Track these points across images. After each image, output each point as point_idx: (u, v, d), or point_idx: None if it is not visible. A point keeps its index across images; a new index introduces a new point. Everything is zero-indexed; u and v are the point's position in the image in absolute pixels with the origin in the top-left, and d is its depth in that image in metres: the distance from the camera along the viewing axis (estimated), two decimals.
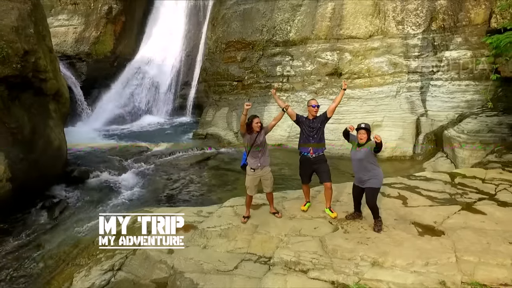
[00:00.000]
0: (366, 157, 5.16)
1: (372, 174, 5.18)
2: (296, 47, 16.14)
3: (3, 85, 8.83)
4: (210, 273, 5.29)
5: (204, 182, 11.01)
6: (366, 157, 5.16)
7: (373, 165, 5.21)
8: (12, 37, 9.07)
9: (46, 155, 9.76)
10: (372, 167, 5.20)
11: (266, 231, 5.81)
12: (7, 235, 8.21)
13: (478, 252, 4.46)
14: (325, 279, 4.55)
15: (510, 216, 5.44)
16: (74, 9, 19.86)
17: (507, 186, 6.63)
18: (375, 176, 5.18)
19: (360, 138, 5.22)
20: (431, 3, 14.85)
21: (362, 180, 5.32)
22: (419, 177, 7.62)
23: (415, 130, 13.13)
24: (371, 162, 5.18)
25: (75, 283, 6.04)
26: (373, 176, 5.18)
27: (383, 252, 4.70)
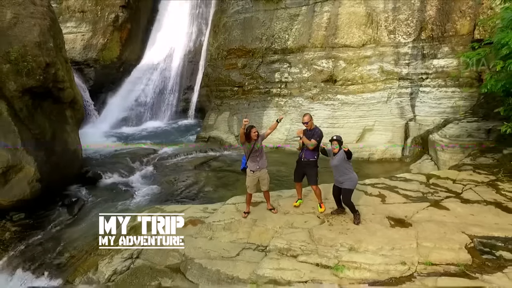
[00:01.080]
0: (341, 164, 6.22)
1: (347, 178, 6.25)
2: (294, 55, 17.20)
3: (27, 95, 9.89)
4: (216, 259, 6.34)
5: (208, 182, 12.06)
6: (341, 163, 6.22)
7: (348, 170, 6.26)
8: (36, 52, 10.12)
9: (64, 158, 10.82)
10: (347, 171, 6.26)
11: (264, 224, 6.88)
12: (34, 229, 9.27)
13: (435, 240, 5.54)
14: (311, 262, 5.62)
15: (468, 211, 6.51)
16: (82, 17, 20.94)
17: (472, 186, 7.69)
18: (349, 179, 6.24)
19: (333, 148, 6.30)
20: (421, 14, 15.89)
21: (340, 182, 6.38)
22: (399, 178, 8.69)
23: (404, 134, 14.19)
24: (345, 168, 6.24)
25: (100, 268, 7.11)
26: (348, 179, 6.25)
27: (358, 240, 5.77)
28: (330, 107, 15.75)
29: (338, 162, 6.24)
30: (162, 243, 6.99)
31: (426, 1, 15.80)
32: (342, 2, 16.87)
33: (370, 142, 14.37)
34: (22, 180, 8.27)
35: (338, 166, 6.27)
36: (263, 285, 5.53)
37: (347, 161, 6.22)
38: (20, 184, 8.25)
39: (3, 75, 9.20)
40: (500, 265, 4.92)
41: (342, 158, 6.18)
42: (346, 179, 6.29)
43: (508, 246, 5.26)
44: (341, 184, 6.41)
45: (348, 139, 14.40)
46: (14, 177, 8.16)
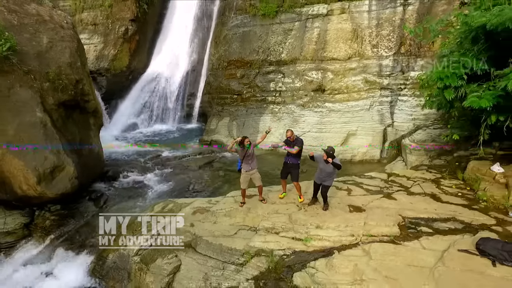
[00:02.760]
0: (333, 170, 8.24)
1: (329, 178, 8.38)
2: (287, 66, 19.41)
3: (62, 107, 12.11)
4: (219, 237, 8.55)
5: (211, 179, 14.29)
6: (333, 170, 8.24)
7: (332, 175, 8.35)
8: (68, 71, 12.34)
9: (90, 159, 13.05)
10: (331, 175, 8.36)
11: (255, 211, 9.11)
12: (69, 218, 11.50)
13: (377, 220, 7.76)
14: (289, 236, 7.84)
15: (409, 200, 8.73)
16: (94, 29, 23.16)
17: (420, 182, 9.91)
18: (330, 179, 8.38)
19: (325, 157, 8.24)
20: (401, 30, 18.07)
21: (322, 180, 8.50)
22: (366, 176, 10.91)
23: (382, 138, 16.40)
24: (332, 173, 8.31)
25: (128, 245, 9.34)
26: (329, 179, 8.39)
27: (323, 220, 8.00)
28: (319, 114, 17.98)
29: (332, 170, 8.14)
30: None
31: (405, 19, 18.00)
32: (330, 19, 19.10)
33: (353, 145, 16.57)
34: (64, 177, 10.48)
35: (330, 173, 8.25)
36: (254, 253, 7.76)
37: (326, 171, 8.28)
38: (63, 180, 10.46)
39: (44, 92, 11.41)
40: (418, 236, 7.12)
41: (333, 168, 8.19)
42: (327, 179, 8.44)
43: (427, 224, 7.48)
44: (323, 182, 8.55)
45: (334, 142, 16.64)
46: (58, 175, 10.36)
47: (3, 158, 9.95)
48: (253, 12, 20.89)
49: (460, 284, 5.39)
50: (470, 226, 7.26)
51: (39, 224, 11.46)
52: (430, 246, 6.63)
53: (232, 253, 7.97)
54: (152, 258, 8.66)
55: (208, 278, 7.62)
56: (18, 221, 11.37)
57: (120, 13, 22.40)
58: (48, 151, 10.22)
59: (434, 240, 6.86)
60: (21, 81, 10.88)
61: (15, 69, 10.85)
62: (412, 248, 6.65)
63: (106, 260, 9.58)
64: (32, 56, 11.60)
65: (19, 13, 12.59)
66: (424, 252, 6.43)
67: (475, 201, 8.33)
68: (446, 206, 8.18)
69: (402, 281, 5.66)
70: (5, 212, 11.53)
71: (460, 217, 7.63)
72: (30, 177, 9.87)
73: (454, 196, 8.81)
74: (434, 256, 6.22)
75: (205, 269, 7.84)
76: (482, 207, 8.04)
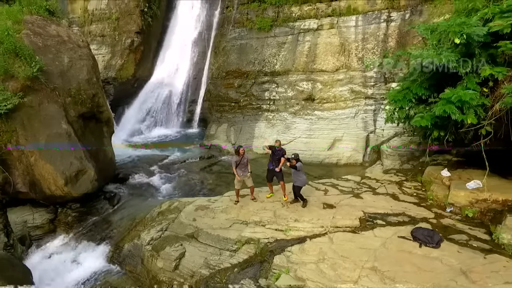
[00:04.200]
0: (293, 172, 10.33)
1: (296, 179, 10.42)
2: (281, 77, 21.42)
3: (81, 119, 14.11)
4: (217, 229, 10.55)
5: (211, 181, 16.30)
6: (293, 172, 10.32)
7: (295, 175, 10.39)
8: (86, 87, 14.34)
9: (104, 163, 15.08)
10: (296, 176, 10.40)
11: (247, 208, 11.14)
12: (88, 215, 13.53)
13: (344, 214, 9.78)
14: (273, 228, 9.84)
15: (373, 199, 10.74)
16: (102, 40, 25.21)
17: (386, 184, 11.94)
18: (298, 180, 10.41)
19: (292, 162, 10.31)
20: (384, 44, 20.07)
21: (294, 181, 10.57)
22: (343, 179, 12.94)
23: (365, 144, 18.38)
24: (296, 174, 10.35)
25: (142, 236, 11.35)
26: (297, 180, 10.42)
27: (301, 215, 10.02)
28: (308, 121, 20.00)
29: (293, 172, 10.35)
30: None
31: (388, 34, 19.99)
32: (320, 33, 21.11)
33: (339, 150, 18.57)
34: (86, 179, 12.50)
35: (293, 174, 10.42)
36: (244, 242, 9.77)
37: (295, 171, 10.34)
38: (85, 182, 12.49)
39: (67, 106, 13.42)
40: (373, 227, 9.13)
41: (294, 170, 10.29)
42: (296, 180, 10.49)
43: (382, 218, 9.50)
44: (294, 183, 10.61)
45: (322, 147, 18.70)
46: (81, 177, 12.39)
47: (35, 163, 12.00)
48: (250, 25, 22.89)
49: (392, 259, 7.40)
50: (414, 219, 9.26)
51: (62, 220, 13.54)
52: (380, 234, 8.64)
53: (227, 241, 10.00)
54: (162, 246, 10.65)
55: (208, 261, 9.65)
56: (44, 217, 13.45)
57: (127, 26, 24.44)
58: (73, 157, 12.26)
59: (384, 230, 8.87)
60: (48, 97, 12.88)
61: (43, 87, 12.84)
62: (366, 236, 8.67)
63: (122, 249, 11.63)
64: (56, 75, 13.58)
65: (43, 35, 14.56)
66: (374, 239, 8.45)
67: (424, 200, 10.33)
68: (400, 204, 10.20)
69: (351, 258, 7.67)
70: (32, 209, 13.62)
71: (408, 212, 9.64)
72: (58, 180, 11.91)
73: (410, 195, 10.82)
74: (380, 241, 8.23)
75: (206, 254, 9.87)
76: (428, 204, 10.03)
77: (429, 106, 9.20)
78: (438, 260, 7.19)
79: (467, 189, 9.49)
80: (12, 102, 11.58)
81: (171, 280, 9.72)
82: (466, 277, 6.49)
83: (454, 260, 7.08)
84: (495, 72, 7.86)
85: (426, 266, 7.02)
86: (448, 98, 8.03)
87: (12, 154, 12.11)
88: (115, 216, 13.62)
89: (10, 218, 13.08)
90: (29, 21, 14.79)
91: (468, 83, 8.24)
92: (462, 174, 10.61)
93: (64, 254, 12.29)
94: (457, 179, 10.38)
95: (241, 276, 8.86)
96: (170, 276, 9.78)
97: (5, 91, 11.73)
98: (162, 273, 9.91)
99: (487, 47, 8.16)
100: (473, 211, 8.99)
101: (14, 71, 12.15)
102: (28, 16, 15.16)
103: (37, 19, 15.22)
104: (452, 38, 7.86)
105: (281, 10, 22.37)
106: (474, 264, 6.85)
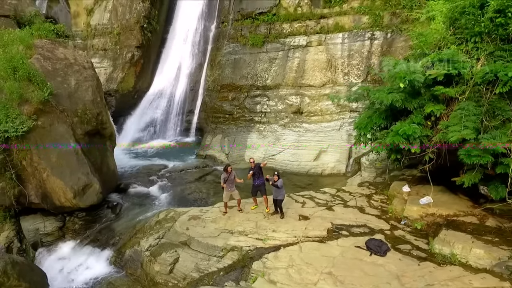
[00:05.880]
0: (274, 189, 12.03)
1: (278, 194, 12.08)
2: (272, 91, 23.12)
3: (86, 136, 15.81)
4: (207, 237, 12.25)
5: (204, 191, 18.03)
6: (274, 189, 12.03)
7: (277, 191, 12.09)
8: (91, 107, 16.05)
9: (108, 176, 16.81)
10: (278, 192, 12.09)
11: (233, 219, 12.84)
12: (93, 222, 15.27)
13: (315, 225, 11.49)
14: (254, 237, 11.55)
15: (343, 211, 12.44)
16: (104, 54, 26.94)
17: (357, 197, 13.63)
18: (280, 195, 12.09)
19: (274, 179, 12.02)
20: (368, 61, 21.73)
21: (276, 196, 12.26)
22: (320, 191, 14.64)
23: (348, 155, 20.09)
24: (278, 191, 12.02)
25: (141, 243, 13.07)
26: (278, 195, 12.11)
27: (278, 226, 11.73)
28: (297, 133, 21.72)
29: (274, 189, 12.03)
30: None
31: (372, 52, 21.66)
32: (309, 50, 22.81)
33: (323, 160, 20.28)
34: (92, 193, 14.26)
35: (274, 190, 12.10)
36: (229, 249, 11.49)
37: (276, 189, 12.02)
38: (91, 195, 14.25)
39: (74, 125, 15.15)
40: (338, 237, 10.83)
41: (275, 187, 11.99)
42: (278, 195, 12.19)
43: (347, 229, 11.20)
44: (276, 197, 12.32)
45: (308, 158, 20.42)
46: (88, 191, 14.14)
47: (47, 178, 13.75)
48: (243, 41, 24.59)
49: (346, 265, 9.12)
50: (373, 230, 10.96)
51: (70, 227, 15.29)
52: (342, 244, 10.36)
53: (215, 249, 11.71)
54: (158, 252, 12.35)
55: (198, 266, 11.36)
56: (54, 225, 15.20)
57: (127, 40, 26.15)
58: (81, 173, 14.02)
59: (346, 240, 10.59)
60: (58, 118, 14.60)
61: (54, 109, 14.56)
62: (330, 245, 10.38)
63: (124, 254, 13.35)
64: (64, 97, 15.28)
65: (51, 59, 16.25)
66: (336, 248, 10.16)
67: (386, 213, 12.03)
68: (364, 216, 11.90)
69: (314, 264, 9.38)
70: (43, 218, 15.38)
71: (369, 224, 11.35)
72: (68, 193, 13.67)
73: (375, 208, 12.53)
74: (340, 250, 9.94)
75: (196, 260, 11.58)
76: (387, 217, 11.73)
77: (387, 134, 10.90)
78: (382, 267, 8.91)
79: (419, 204, 11.19)
80: (27, 125, 13.27)
81: (167, 282, 11.44)
82: (398, 281, 8.20)
83: (394, 267, 8.80)
84: (435, 109, 9.54)
85: (371, 271, 8.74)
86: (397, 131, 9.74)
87: (27, 170, 13.84)
88: (117, 224, 15.36)
89: (24, 226, 14.94)
90: (39, 45, 16.53)
91: (415, 117, 9.94)
92: (421, 189, 12.30)
93: (72, 258, 14.00)
94: (415, 194, 12.07)
95: (225, 278, 10.59)
96: (165, 278, 11.50)
97: (21, 115, 13.43)
98: (158, 276, 11.63)
99: (430, 87, 9.83)
100: (421, 224, 10.69)
101: (28, 96, 13.83)
102: (38, 40, 16.93)
103: (46, 43, 16.97)
104: (398, 82, 9.57)
105: (273, 27, 24.07)
106: (408, 270, 8.56)
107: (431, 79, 9.63)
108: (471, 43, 9.59)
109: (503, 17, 8.78)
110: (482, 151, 8.35)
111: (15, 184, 13.61)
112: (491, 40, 9.32)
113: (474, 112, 8.73)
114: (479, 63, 9.27)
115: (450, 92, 9.24)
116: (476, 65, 9.27)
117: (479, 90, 9.10)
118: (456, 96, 9.28)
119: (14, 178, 13.48)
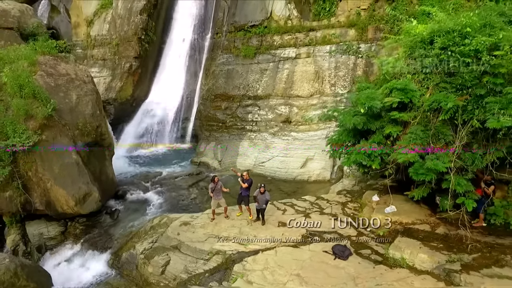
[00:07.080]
0: (264, 200, 13.46)
1: (262, 204, 13.49)
2: (262, 101, 24.54)
3: (86, 147, 17.32)
4: (195, 242, 13.68)
5: (196, 197, 19.49)
6: (264, 200, 13.46)
7: (264, 202, 13.47)
8: (91, 120, 17.50)
9: (106, 184, 18.29)
10: (263, 202, 13.48)
11: (220, 225, 14.27)
12: (93, 227, 16.75)
13: (292, 232, 12.90)
14: (236, 242, 12.97)
15: (319, 218, 13.84)
16: (103, 64, 28.42)
17: (333, 205, 15.04)
18: (264, 204, 13.52)
19: (261, 190, 13.45)
20: (353, 72, 23.11)
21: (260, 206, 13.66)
22: (301, 199, 16.05)
23: (332, 163, 21.49)
24: (263, 201, 13.44)
25: (136, 247, 14.51)
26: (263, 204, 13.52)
27: (259, 232, 13.15)
28: (285, 141, 23.14)
29: (263, 199, 13.41)
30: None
31: (357, 64, 23.06)
32: (298, 61, 24.24)
33: (310, 168, 21.68)
34: (92, 201, 15.74)
35: (261, 200, 13.49)
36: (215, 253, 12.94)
37: (262, 198, 13.42)
38: (91, 203, 15.72)
39: (75, 138, 16.61)
40: (310, 242, 12.24)
41: (263, 198, 13.41)
42: (262, 205, 13.61)
43: (320, 234, 12.64)
44: (261, 207, 13.74)
45: (296, 165, 21.83)
46: (88, 199, 15.61)
47: (51, 188, 15.22)
48: (236, 53, 26.03)
49: (312, 268, 10.56)
50: (342, 236, 12.37)
51: (71, 232, 16.79)
52: (313, 248, 11.79)
53: (202, 252, 13.15)
54: (152, 255, 13.79)
55: (187, 268, 12.80)
56: (57, 229, 16.71)
57: (126, 51, 27.61)
58: (81, 182, 15.50)
59: (317, 245, 12.02)
60: (60, 132, 16.06)
61: (56, 123, 16.00)
62: (302, 250, 11.81)
63: (121, 257, 14.79)
64: (66, 111, 16.73)
65: (54, 75, 17.68)
66: (307, 252, 11.60)
67: (355, 220, 13.47)
68: (336, 223, 13.34)
69: (285, 267, 10.81)
70: (46, 223, 16.88)
71: (339, 231, 12.76)
72: (70, 201, 15.14)
73: (347, 216, 13.95)
74: (309, 254, 11.38)
75: (185, 262, 13.02)
76: (356, 224, 13.17)
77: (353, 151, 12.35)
78: (342, 269, 10.34)
79: (384, 213, 12.62)
80: (33, 139, 14.71)
81: (159, 282, 12.90)
82: (354, 281, 9.62)
83: (353, 269, 10.23)
84: (393, 131, 10.97)
85: (333, 274, 10.17)
86: (359, 149, 11.18)
87: (32, 180, 15.31)
88: (115, 228, 16.83)
89: (29, 230, 16.43)
90: (42, 62, 17.96)
91: (376, 137, 11.38)
92: (389, 199, 13.68)
93: (73, 260, 15.47)
94: (383, 203, 13.48)
95: (210, 279, 12.04)
96: (158, 279, 12.95)
97: (27, 130, 14.89)
98: (152, 276, 13.08)
99: (389, 111, 11.27)
100: (384, 231, 12.10)
101: (33, 112, 15.26)
102: (41, 57, 18.35)
103: (49, 59, 18.40)
104: (360, 107, 11.01)
105: (264, 39, 25.51)
106: (364, 272, 9.98)
107: (389, 105, 11.05)
108: (422, 74, 11.01)
109: (445, 55, 10.21)
110: (427, 169, 9.78)
111: (21, 193, 15.06)
112: (437, 73, 10.73)
113: (421, 136, 10.17)
114: (428, 92, 10.69)
115: (404, 117, 10.68)
116: (426, 93, 10.70)
117: (427, 116, 10.53)
118: (409, 120, 10.72)
119: (20, 187, 14.93)
